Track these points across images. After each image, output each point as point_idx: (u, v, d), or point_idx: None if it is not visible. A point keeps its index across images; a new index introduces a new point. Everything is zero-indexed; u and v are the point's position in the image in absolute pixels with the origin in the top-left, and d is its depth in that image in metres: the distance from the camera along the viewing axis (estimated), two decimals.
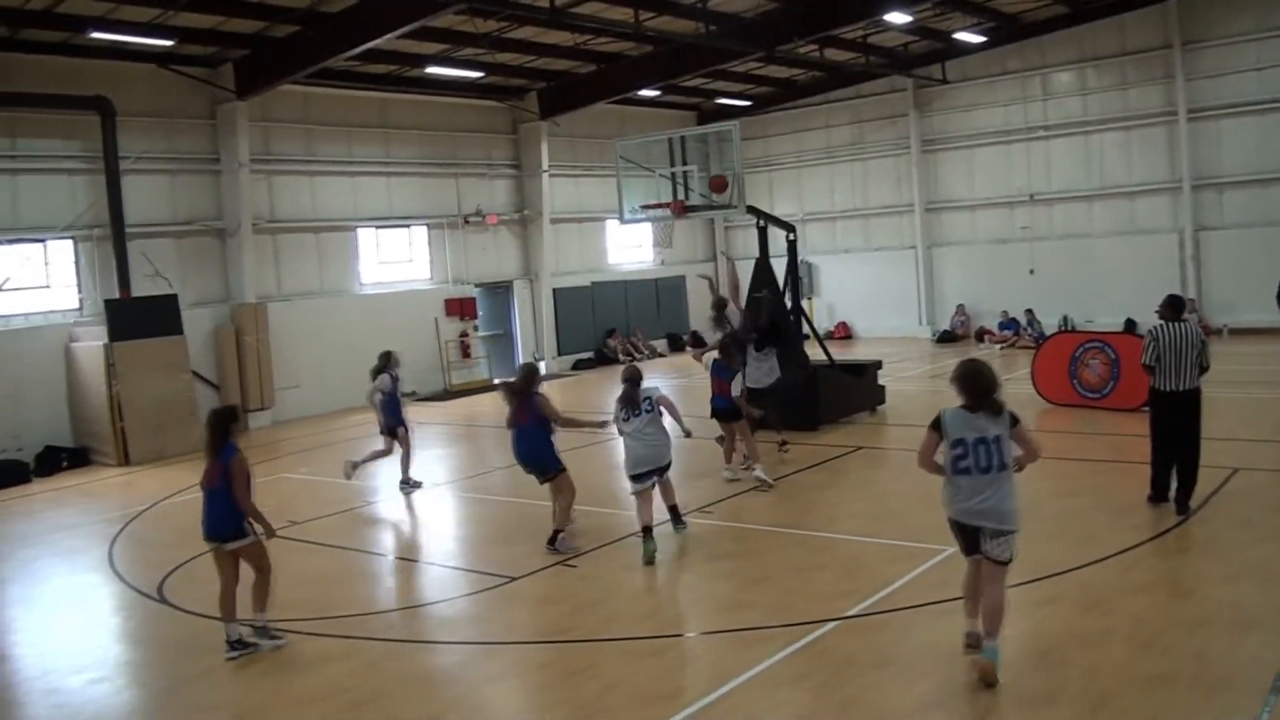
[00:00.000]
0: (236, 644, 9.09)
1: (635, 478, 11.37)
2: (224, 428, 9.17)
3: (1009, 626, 8.60)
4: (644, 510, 11.28)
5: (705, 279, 20.08)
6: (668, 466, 11.53)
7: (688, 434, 12.14)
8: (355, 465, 15.79)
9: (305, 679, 8.56)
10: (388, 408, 15.61)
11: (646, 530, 11.16)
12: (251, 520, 9.20)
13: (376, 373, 15.65)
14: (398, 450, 15.79)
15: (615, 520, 12.66)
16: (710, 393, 14.49)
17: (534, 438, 11.79)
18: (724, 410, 14.27)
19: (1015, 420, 7.43)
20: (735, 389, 13.95)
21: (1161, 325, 11.38)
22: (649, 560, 10.89)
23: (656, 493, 11.53)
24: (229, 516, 9.10)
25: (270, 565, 9.45)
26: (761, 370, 15.85)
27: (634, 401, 11.35)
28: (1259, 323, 24.99)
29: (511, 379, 12.67)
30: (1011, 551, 7.54)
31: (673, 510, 11.91)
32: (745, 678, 7.84)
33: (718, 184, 17.97)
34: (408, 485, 15.68)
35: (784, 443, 16.15)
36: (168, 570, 11.90)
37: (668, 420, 11.60)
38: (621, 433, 11.48)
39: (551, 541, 11.64)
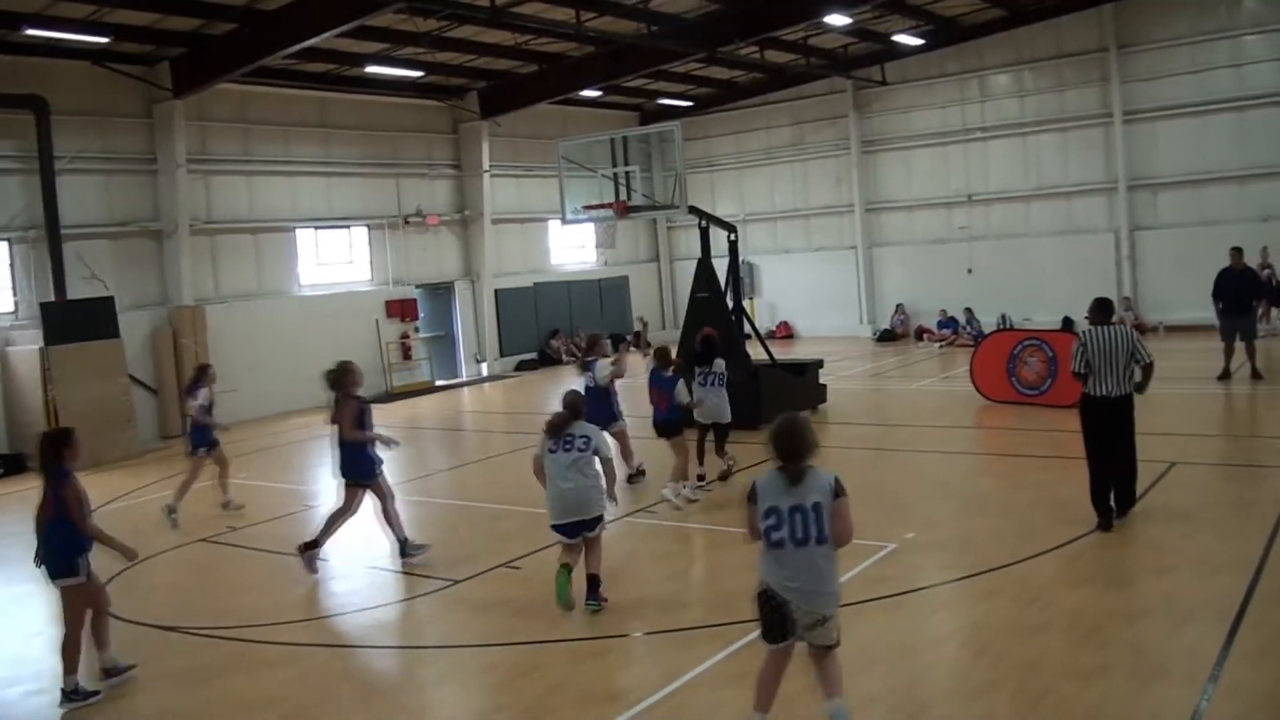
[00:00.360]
0: (73, 694, 8.33)
1: (557, 529, 9.60)
2: (56, 451, 8.51)
3: (948, 622, 8.71)
4: (567, 554, 9.61)
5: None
6: (598, 520, 9.64)
7: (613, 500, 9.90)
8: (173, 509, 14.16)
9: (248, 686, 8.46)
10: (203, 425, 14.56)
11: (565, 567, 9.48)
12: (104, 544, 8.54)
13: (194, 386, 14.92)
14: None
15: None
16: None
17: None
18: (665, 424, 13.47)
19: (840, 490, 6.45)
20: (681, 396, 13.23)
21: (1090, 330, 10.91)
22: (562, 600, 9.37)
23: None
24: (55, 551, 8.50)
25: (81, 621, 8.55)
26: (708, 406, 14.01)
27: (566, 433, 9.48)
28: (1193, 320, 25.36)
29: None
30: (836, 634, 6.47)
31: (592, 581, 9.54)
32: (689, 677, 7.84)
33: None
34: (172, 511, 14.14)
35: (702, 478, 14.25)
36: (105, 579, 11.70)
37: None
38: (537, 472, 9.67)
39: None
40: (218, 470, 14.92)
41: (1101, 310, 11.12)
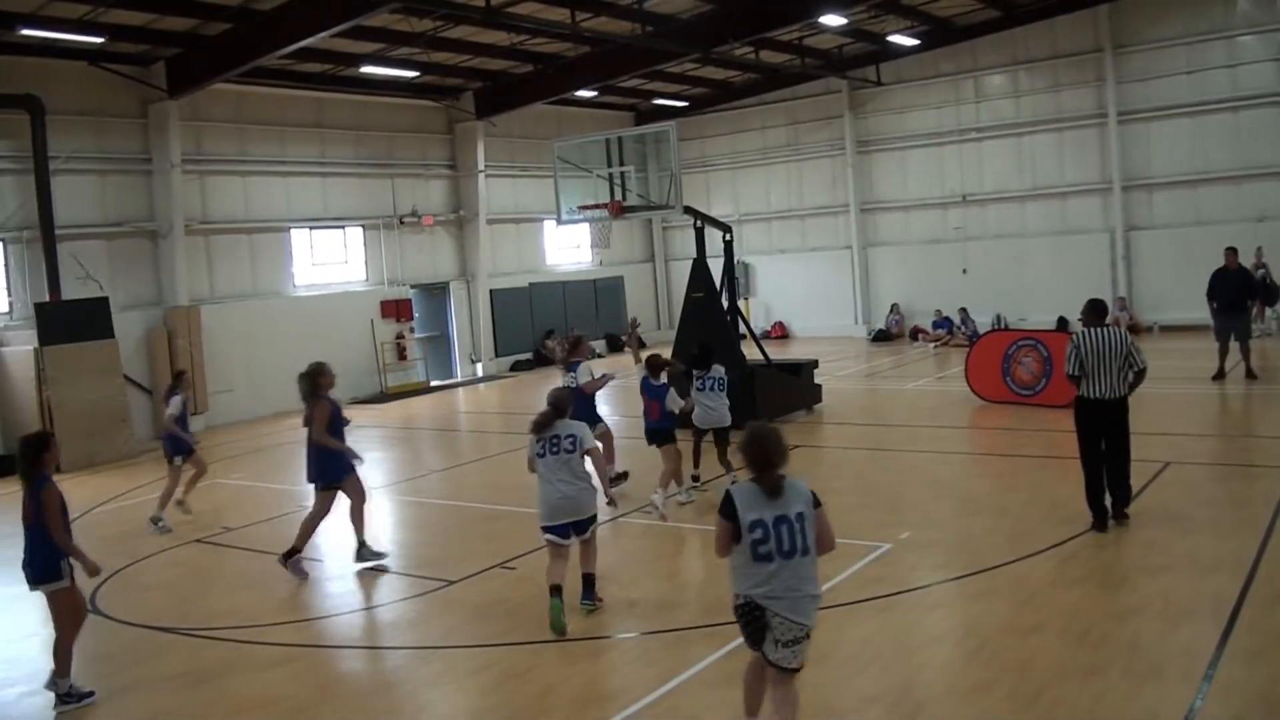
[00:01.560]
0: (68, 696, 8.36)
1: (548, 529, 9.29)
2: (35, 456, 8.38)
3: (943, 622, 8.71)
4: (554, 567, 9.22)
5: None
6: (592, 520, 9.45)
7: (610, 503, 10.00)
8: (167, 508, 14.13)
9: (243, 687, 8.45)
10: (174, 434, 14.20)
11: (555, 590, 9.06)
12: (72, 560, 8.35)
13: (169, 393, 14.41)
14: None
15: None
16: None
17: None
18: (655, 432, 13.21)
19: (816, 500, 6.22)
20: (672, 404, 12.91)
21: (1084, 332, 10.83)
22: (558, 629, 8.95)
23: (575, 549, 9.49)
24: (37, 556, 8.34)
25: (75, 624, 8.50)
26: (706, 411, 13.67)
27: (552, 434, 9.25)
28: (1188, 320, 25.42)
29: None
30: (804, 658, 6.25)
31: (587, 580, 9.55)
32: (684, 677, 7.84)
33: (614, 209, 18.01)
34: (158, 521, 14.05)
35: (697, 478, 14.13)
36: (100, 580, 11.70)
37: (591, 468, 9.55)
38: (533, 470, 9.38)
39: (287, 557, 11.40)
40: (193, 474, 14.56)
41: (1095, 312, 11.07)
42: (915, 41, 29.43)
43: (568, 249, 34.54)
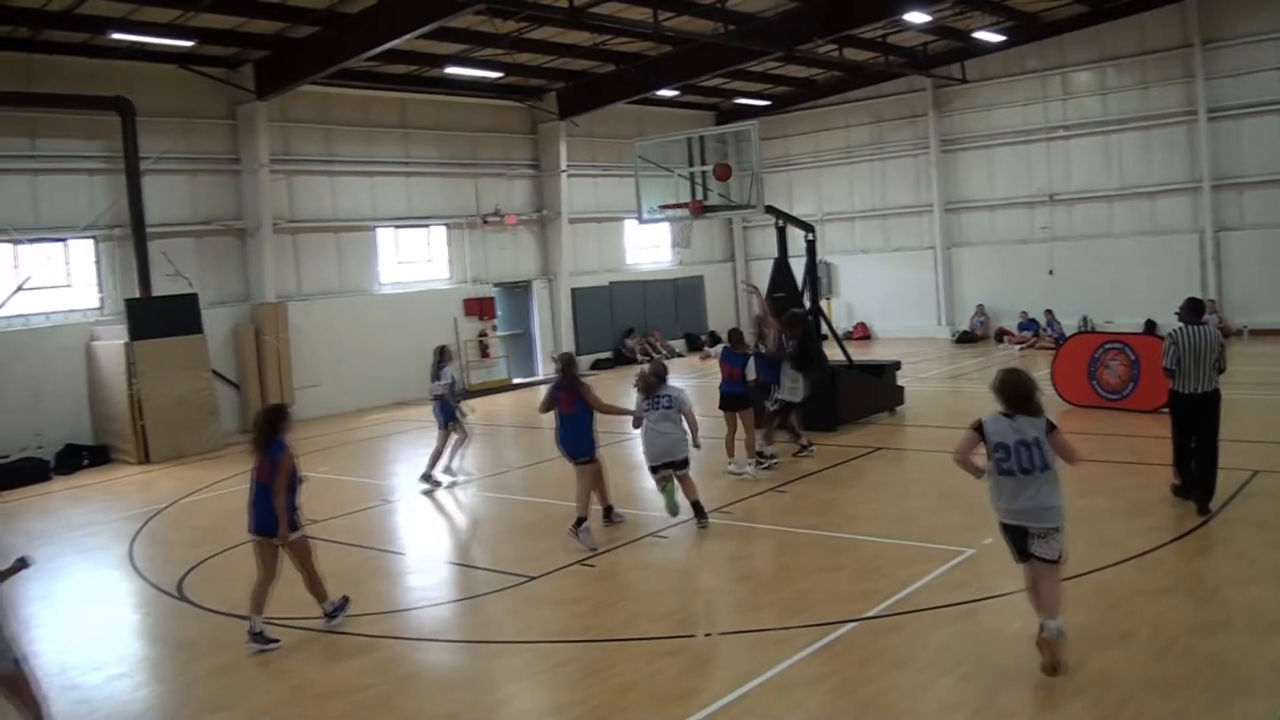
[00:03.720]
0: (258, 636, 9.18)
1: (652, 469, 12.22)
2: (273, 424, 9.53)
3: (1026, 629, 8.61)
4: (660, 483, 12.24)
5: (752, 289, 19.86)
6: (684, 462, 12.04)
7: (697, 446, 12.22)
8: (450, 470, 16.05)
9: (324, 676, 8.60)
10: (445, 403, 15.96)
11: (665, 479, 12.08)
12: (295, 515, 9.48)
13: (438, 368, 16.09)
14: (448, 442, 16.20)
15: (634, 520, 12.67)
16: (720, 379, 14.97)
17: (579, 425, 12.16)
18: (733, 397, 14.70)
19: (1052, 427, 7.66)
20: (750, 373, 14.57)
21: (1181, 328, 11.40)
22: (673, 507, 12.08)
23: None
24: (267, 511, 9.34)
25: (309, 561, 9.73)
26: (796, 386, 15.73)
27: (654, 394, 12.03)
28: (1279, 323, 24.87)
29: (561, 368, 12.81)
30: (1059, 549, 7.65)
31: (695, 506, 12.16)
32: (763, 678, 7.84)
33: (722, 173, 17.95)
34: (428, 480, 15.81)
35: (807, 445, 15.97)
36: (188, 568, 11.97)
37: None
38: (640, 424, 12.22)
39: (608, 517, 12.61)
40: (456, 440, 16.15)
41: (1193, 310, 11.78)
42: (1001, 38, 29.06)
43: (648, 248, 34.54)
